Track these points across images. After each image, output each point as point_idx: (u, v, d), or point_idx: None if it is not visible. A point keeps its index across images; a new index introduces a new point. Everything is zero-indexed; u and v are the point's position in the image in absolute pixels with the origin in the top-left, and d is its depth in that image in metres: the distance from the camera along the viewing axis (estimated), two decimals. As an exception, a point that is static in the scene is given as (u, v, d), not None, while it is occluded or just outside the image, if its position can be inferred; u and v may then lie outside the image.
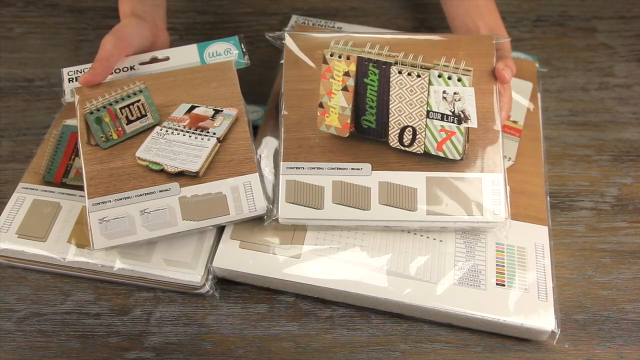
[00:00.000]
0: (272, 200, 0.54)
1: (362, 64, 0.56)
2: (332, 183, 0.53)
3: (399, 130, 0.55)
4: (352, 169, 0.54)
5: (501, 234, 0.54)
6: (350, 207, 0.53)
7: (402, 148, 0.55)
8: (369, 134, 0.56)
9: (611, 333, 0.53)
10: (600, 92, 0.71)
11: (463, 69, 0.55)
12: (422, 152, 0.54)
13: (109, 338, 0.53)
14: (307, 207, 0.53)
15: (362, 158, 0.54)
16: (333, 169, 0.54)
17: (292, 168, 0.54)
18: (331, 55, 0.56)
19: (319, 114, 0.56)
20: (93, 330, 0.53)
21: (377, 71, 0.56)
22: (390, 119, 0.55)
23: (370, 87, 0.56)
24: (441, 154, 0.54)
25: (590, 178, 0.64)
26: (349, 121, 0.56)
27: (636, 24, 0.79)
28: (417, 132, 0.54)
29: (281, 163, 0.54)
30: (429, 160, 0.54)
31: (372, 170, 0.54)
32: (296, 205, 0.53)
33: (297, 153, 0.54)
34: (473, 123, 0.54)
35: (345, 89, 0.56)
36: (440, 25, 0.78)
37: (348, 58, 0.56)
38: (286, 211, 0.53)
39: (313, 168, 0.54)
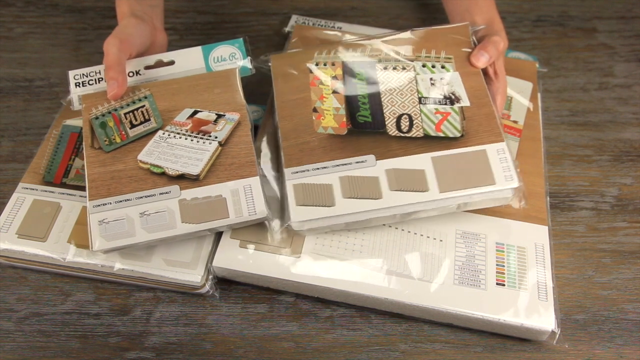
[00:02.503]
0: (282, 208, 0.54)
1: (347, 68, 0.58)
2: (339, 179, 0.53)
3: (395, 119, 0.55)
4: (357, 162, 0.53)
5: (519, 203, 0.53)
6: (362, 198, 0.52)
7: (402, 135, 0.55)
8: (367, 127, 0.55)
9: (611, 333, 0.53)
10: (600, 92, 0.71)
11: (444, 58, 0.57)
12: (422, 135, 0.54)
13: (109, 338, 0.53)
14: (318, 206, 0.52)
15: (364, 151, 0.54)
16: (338, 165, 0.53)
17: (297, 172, 0.53)
18: (316, 64, 0.58)
19: (314, 118, 0.56)
20: (93, 330, 0.53)
21: (363, 71, 0.57)
22: (385, 111, 0.55)
23: (360, 85, 0.57)
24: (441, 134, 0.54)
25: (590, 178, 0.64)
26: (344, 119, 0.56)
27: (636, 24, 0.79)
28: (414, 118, 0.55)
29: (284, 170, 0.53)
30: (431, 142, 0.54)
31: (376, 160, 0.54)
32: (307, 207, 0.52)
33: (299, 157, 0.54)
34: (465, 102, 0.55)
35: (335, 91, 0.57)
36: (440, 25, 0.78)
37: (333, 64, 0.58)
38: (298, 214, 0.51)
39: (318, 168, 0.54)
